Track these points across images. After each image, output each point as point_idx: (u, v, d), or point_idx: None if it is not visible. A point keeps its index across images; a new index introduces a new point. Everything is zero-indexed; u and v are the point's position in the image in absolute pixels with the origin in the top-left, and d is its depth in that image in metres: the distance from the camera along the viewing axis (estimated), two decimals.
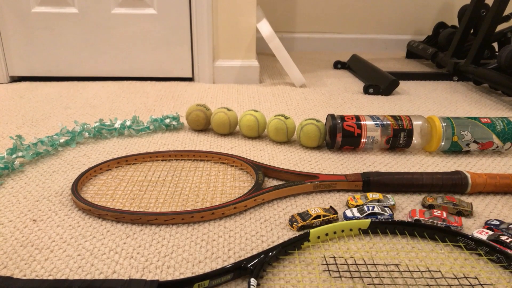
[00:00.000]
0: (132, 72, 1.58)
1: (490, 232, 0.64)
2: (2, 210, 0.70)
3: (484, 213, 0.72)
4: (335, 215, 0.68)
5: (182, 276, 0.55)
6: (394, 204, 0.72)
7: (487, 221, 0.68)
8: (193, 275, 0.55)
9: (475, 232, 0.65)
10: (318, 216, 0.66)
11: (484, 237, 0.64)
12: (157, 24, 1.52)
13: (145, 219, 0.66)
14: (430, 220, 0.66)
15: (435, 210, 0.69)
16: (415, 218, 0.68)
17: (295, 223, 0.66)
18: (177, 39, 1.54)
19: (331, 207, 0.70)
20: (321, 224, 0.66)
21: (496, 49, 1.81)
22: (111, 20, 1.50)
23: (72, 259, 0.58)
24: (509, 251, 0.60)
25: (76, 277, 0.55)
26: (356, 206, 0.72)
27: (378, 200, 0.73)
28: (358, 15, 2.29)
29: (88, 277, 0.55)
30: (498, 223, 0.67)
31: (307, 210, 0.68)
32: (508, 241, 0.61)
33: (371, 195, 0.73)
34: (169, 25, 1.52)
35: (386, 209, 0.69)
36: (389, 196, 0.74)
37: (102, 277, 0.55)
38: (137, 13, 1.50)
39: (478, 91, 1.53)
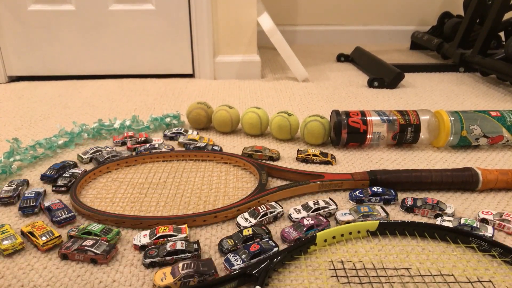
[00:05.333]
0: (131, 70, 1.55)
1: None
2: (0, 216, 0.68)
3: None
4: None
5: None
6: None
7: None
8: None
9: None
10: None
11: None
12: (156, 20, 1.49)
13: (146, 224, 0.64)
14: None
15: None
16: None
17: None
18: (177, 35, 1.51)
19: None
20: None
21: (503, 39, 1.77)
22: (109, 16, 1.47)
23: (70, 267, 0.56)
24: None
25: (75, 286, 0.53)
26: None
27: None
28: (360, 6, 2.25)
29: (87, 287, 0.53)
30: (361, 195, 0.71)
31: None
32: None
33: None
34: (168, 20, 1.49)
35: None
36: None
37: (102, 286, 0.53)
38: (135, 9, 1.47)
39: (485, 82, 1.50)
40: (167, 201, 0.72)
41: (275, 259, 0.54)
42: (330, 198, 0.70)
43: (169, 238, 0.60)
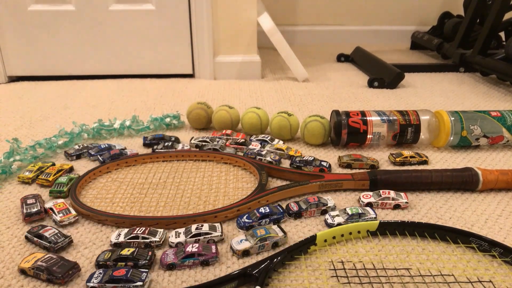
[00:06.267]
0: (131, 70, 1.55)
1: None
2: (0, 216, 0.68)
3: (496, 211, 0.69)
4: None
5: (184, 285, 0.53)
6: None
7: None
8: (196, 283, 0.53)
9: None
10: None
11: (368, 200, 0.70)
12: (156, 20, 1.49)
13: (146, 224, 0.64)
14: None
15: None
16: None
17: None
18: (177, 35, 1.51)
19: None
20: None
21: (503, 39, 1.77)
22: (109, 17, 1.47)
23: None
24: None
25: (75, 286, 0.53)
26: None
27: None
28: (360, 6, 2.25)
29: None
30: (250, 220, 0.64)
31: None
32: None
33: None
34: (168, 20, 1.49)
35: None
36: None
37: None
38: (135, 9, 1.47)
39: (485, 82, 1.50)
40: (167, 201, 0.71)
41: (275, 259, 0.54)
42: (220, 223, 0.63)
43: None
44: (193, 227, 0.61)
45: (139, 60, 1.54)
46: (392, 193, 0.70)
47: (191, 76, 1.59)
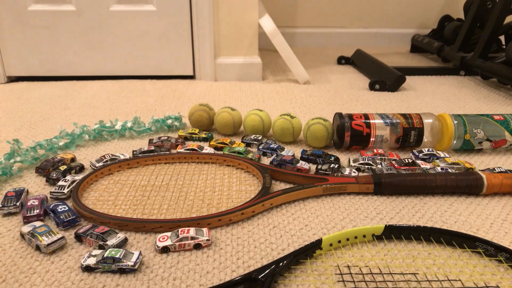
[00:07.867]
0: (132, 71, 1.54)
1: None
2: (0, 219, 0.67)
3: (501, 216, 0.69)
4: None
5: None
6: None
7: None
8: None
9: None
10: None
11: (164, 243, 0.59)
12: (157, 21, 1.48)
13: (150, 227, 0.63)
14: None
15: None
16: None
17: None
18: (178, 36, 1.50)
19: None
20: None
21: (503, 42, 1.77)
22: (110, 17, 1.46)
23: (73, 271, 0.55)
24: None
25: None
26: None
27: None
28: (361, 8, 2.25)
29: None
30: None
31: None
32: None
33: None
34: (169, 22, 1.48)
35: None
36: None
37: None
38: (136, 10, 1.46)
39: (486, 86, 1.50)
40: (170, 203, 0.71)
41: (281, 263, 0.54)
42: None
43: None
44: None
45: (140, 61, 1.53)
46: (192, 231, 0.60)
47: (191, 77, 1.59)
